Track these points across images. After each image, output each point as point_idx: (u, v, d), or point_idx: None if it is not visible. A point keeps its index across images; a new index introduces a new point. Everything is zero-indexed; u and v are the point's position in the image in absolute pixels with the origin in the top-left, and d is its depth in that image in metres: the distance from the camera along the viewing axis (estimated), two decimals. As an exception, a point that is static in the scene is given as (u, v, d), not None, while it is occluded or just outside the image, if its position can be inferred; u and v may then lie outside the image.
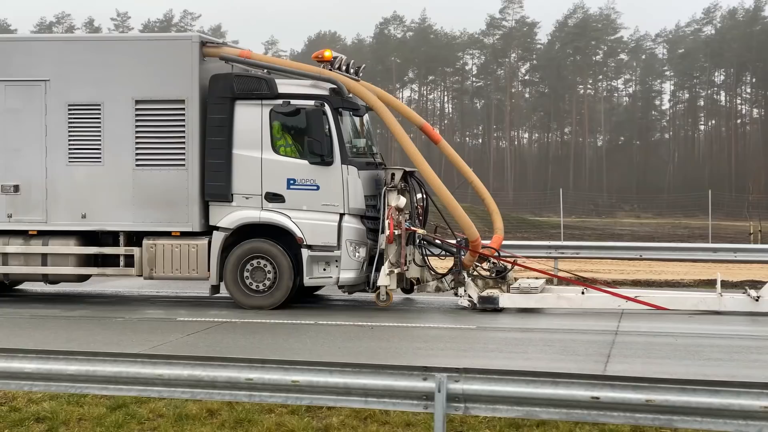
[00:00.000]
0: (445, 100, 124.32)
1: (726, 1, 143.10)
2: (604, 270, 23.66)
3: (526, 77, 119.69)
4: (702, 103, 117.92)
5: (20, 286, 18.91)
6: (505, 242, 18.37)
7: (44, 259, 17.00)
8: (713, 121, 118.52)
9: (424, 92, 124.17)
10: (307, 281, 16.45)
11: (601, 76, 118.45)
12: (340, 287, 16.78)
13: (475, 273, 17.03)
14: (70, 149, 16.85)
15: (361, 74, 18.27)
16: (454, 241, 17.08)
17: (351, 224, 16.41)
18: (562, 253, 19.82)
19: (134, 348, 11.64)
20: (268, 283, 16.48)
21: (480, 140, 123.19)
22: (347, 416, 8.77)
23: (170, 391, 7.58)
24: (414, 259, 16.89)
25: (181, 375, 7.45)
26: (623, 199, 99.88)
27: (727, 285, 19.70)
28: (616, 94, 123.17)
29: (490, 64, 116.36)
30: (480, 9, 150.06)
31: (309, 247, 16.35)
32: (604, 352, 12.05)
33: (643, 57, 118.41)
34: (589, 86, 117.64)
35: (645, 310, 15.94)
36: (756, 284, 18.80)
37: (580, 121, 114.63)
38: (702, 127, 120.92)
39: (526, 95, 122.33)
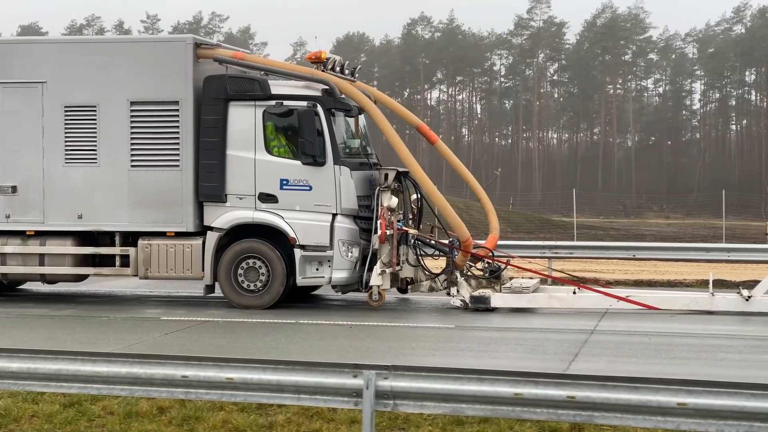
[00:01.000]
0: (474, 100, 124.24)
1: (756, 0, 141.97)
2: (609, 270, 23.64)
3: (555, 77, 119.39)
4: (733, 102, 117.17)
5: (23, 286, 19.10)
6: (500, 242, 18.41)
7: (42, 259, 17.19)
8: (745, 121, 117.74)
9: (453, 93, 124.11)
10: (300, 281, 16.55)
11: (630, 76, 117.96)
12: (333, 287, 16.87)
13: (469, 273, 17.08)
14: (66, 150, 17.04)
15: (356, 75, 18.36)
16: (446, 241, 17.13)
17: (343, 224, 16.49)
18: (556, 253, 19.83)
19: (107, 347, 11.77)
20: (261, 283, 16.60)
21: (510, 140, 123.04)
22: (294, 414, 8.87)
23: (109, 389, 7.69)
24: (408, 259, 16.95)
25: (120, 372, 7.57)
26: (652, 199, 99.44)
27: (730, 285, 19.70)
28: (646, 94, 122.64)
29: (518, 65, 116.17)
30: (507, 9, 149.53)
31: (302, 247, 16.45)
32: (573, 350, 12.07)
33: (673, 57, 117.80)
34: (618, 86, 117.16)
35: (635, 310, 15.94)
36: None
37: (609, 121, 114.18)
38: (733, 127, 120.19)
39: (555, 95, 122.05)
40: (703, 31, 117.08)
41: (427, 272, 17.07)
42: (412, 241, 17.00)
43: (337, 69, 17.44)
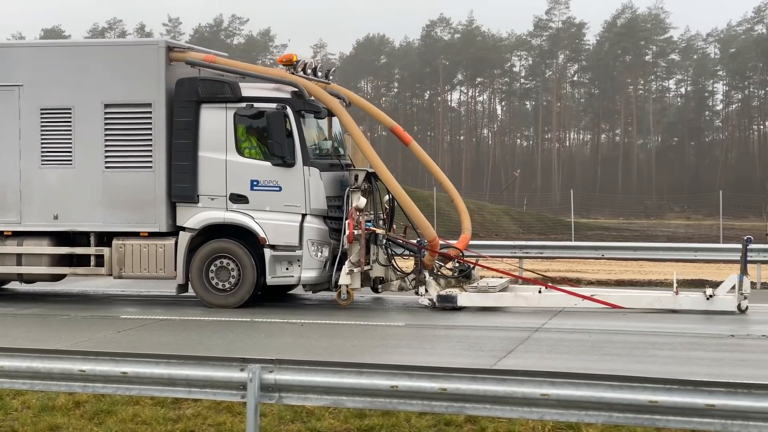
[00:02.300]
0: (494, 101, 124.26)
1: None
2: (594, 270, 23.77)
3: (575, 78, 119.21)
4: (756, 102, 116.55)
5: (6, 286, 19.41)
6: (472, 242, 18.60)
7: (19, 259, 17.51)
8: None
9: (473, 94, 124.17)
10: (270, 280, 16.80)
11: (652, 77, 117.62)
12: (303, 286, 17.11)
13: (438, 272, 17.28)
14: (42, 152, 17.36)
15: (331, 77, 18.61)
16: (415, 241, 17.34)
17: (313, 224, 16.73)
18: (527, 252, 20.01)
19: (55, 344, 12.06)
20: (232, 282, 16.85)
21: (532, 142, 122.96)
22: (205, 408, 9.11)
23: (11, 383, 7.98)
24: (378, 259, 17.17)
25: (20, 367, 7.84)
26: (674, 200, 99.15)
27: (716, 285, 19.82)
28: (668, 95, 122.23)
29: (538, 66, 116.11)
30: (526, 10, 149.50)
31: (272, 247, 16.70)
32: (509, 347, 12.27)
33: (695, 57, 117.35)
34: (639, 87, 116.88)
35: (600, 308, 16.07)
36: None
37: (630, 122, 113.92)
38: (755, 127, 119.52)
39: (577, 95, 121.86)
40: (724, 32, 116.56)
41: (398, 272, 17.29)
42: (384, 241, 17.21)
43: (309, 72, 17.68)
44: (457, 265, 17.47)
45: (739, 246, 17.34)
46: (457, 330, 14.26)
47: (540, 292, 16.73)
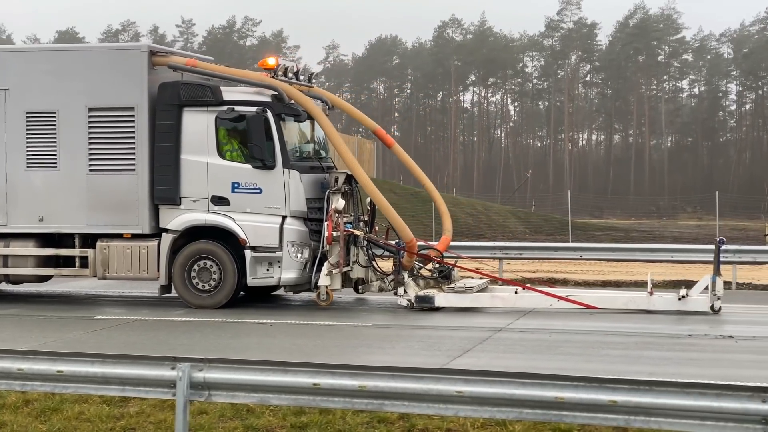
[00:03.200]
0: (507, 102, 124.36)
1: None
2: (581, 271, 23.92)
3: (587, 78, 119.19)
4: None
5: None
6: (453, 243, 18.81)
7: (5, 260, 17.80)
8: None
9: (486, 95, 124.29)
10: (250, 281, 17.04)
11: (665, 77, 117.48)
12: (283, 287, 17.36)
13: (418, 273, 17.50)
14: (28, 155, 17.66)
15: (314, 81, 18.84)
16: (393, 243, 17.55)
17: (292, 226, 16.97)
18: (506, 253, 20.20)
19: (24, 344, 12.30)
20: (213, 283, 17.10)
21: (547, 142, 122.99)
22: (149, 406, 9.35)
23: (-46, 381, 8.23)
24: (358, 260, 17.39)
25: (-39, 366, 8.10)
26: (686, 200, 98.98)
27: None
28: (681, 95, 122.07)
29: (550, 66, 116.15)
30: (537, 10, 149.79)
31: (252, 248, 16.95)
32: (467, 347, 12.49)
33: (708, 57, 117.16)
34: (653, 87, 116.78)
35: (573, 309, 16.26)
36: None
37: (643, 122, 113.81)
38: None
39: (591, 96, 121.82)
40: (737, 31, 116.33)
41: (378, 273, 17.51)
42: (364, 242, 17.42)
43: (290, 75, 17.90)
44: (437, 266, 17.68)
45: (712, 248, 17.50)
46: (421, 330, 14.47)
47: (516, 292, 16.93)
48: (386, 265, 18.04)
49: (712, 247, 17.03)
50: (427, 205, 56.48)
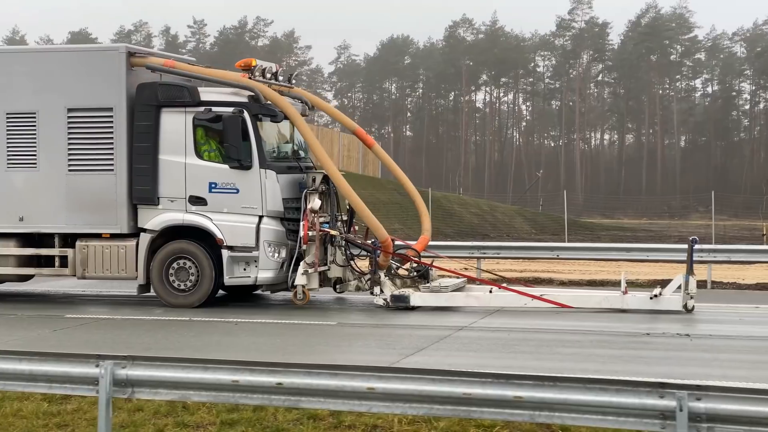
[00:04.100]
0: (519, 102, 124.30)
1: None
2: (568, 270, 23.98)
3: (599, 78, 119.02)
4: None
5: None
6: (432, 243, 18.88)
7: (-14, 260, 17.96)
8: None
9: (498, 95, 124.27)
10: (227, 281, 17.16)
11: (678, 76, 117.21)
12: (259, 286, 17.47)
13: (395, 273, 17.58)
14: (8, 155, 17.81)
15: (293, 81, 18.94)
16: (369, 242, 17.64)
17: (269, 226, 17.07)
18: (484, 253, 20.27)
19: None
20: (191, 282, 17.22)
21: (559, 142, 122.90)
22: (86, 403, 9.45)
23: None
24: (336, 260, 17.48)
25: None
26: (699, 200, 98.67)
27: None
28: (695, 95, 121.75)
29: (562, 66, 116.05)
30: (548, 10, 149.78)
31: (229, 248, 17.06)
32: (422, 346, 12.57)
33: (721, 56, 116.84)
34: (666, 86, 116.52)
35: (547, 308, 16.30)
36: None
37: (656, 122, 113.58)
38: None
39: (604, 95, 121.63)
40: (750, 30, 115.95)
41: (355, 272, 17.60)
42: (342, 242, 17.50)
43: (268, 76, 18.00)
44: (415, 265, 17.76)
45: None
46: (384, 329, 14.55)
47: (491, 291, 17.00)
48: (365, 264, 18.08)
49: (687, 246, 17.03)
50: (432, 205, 56.69)
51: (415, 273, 17.71)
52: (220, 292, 18.06)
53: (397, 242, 18.52)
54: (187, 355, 9.35)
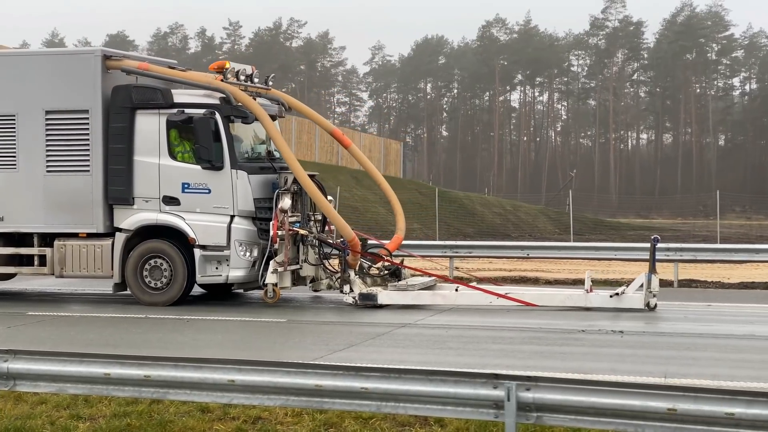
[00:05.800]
0: (554, 101, 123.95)
1: None
2: (556, 270, 24.03)
3: (634, 77, 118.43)
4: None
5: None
6: (405, 242, 19.07)
7: (-33, 259, 18.39)
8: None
9: (534, 94, 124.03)
10: (200, 279, 17.48)
11: (715, 75, 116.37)
12: (231, 285, 17.77)
13: (366, 272, 17.81)
14: (-11, 157, 18.24)
15: (270, 83, 19.21)
16: (339, 241, 17.88)
17: (240, 225, 17.36)
18: (456, 252, 20.42)
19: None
20: (164, 280, 17.55)
21: (595, 141, 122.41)
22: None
23: None
24: (308, 258, 17.73)
25: None
26: (735, 200, 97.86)
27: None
28: (733, 93, 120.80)
29: (597, 65, 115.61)
30: (581, 9, 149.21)
31: (202, 247, 17.37)
32: (355, 342, 12.83)
33: (760, 54, 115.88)
34: (703, 84, 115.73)
35: (514, 306, 16.45)
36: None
37: (692, 121, 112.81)
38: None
39: (640, 95, 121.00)
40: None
41: (327, 271, 17.85)
42: (314, 241, 17.75)
43: (242, 78, 18.27)
44: (386, 264, 17.98)
45: (661, 246, 17.65)
46: (329, 326, 14.80)
47: (457, 290, 17.17)
48: (338, 263, 18.31)
49: (658, 245, 17.11)
50: (453, 205, 56.85)
51: (386, 272, 17.93)
52: (201, 291, 18.38)
53: (370, 241, 18.75)
54: (124, 352, 9.63)
